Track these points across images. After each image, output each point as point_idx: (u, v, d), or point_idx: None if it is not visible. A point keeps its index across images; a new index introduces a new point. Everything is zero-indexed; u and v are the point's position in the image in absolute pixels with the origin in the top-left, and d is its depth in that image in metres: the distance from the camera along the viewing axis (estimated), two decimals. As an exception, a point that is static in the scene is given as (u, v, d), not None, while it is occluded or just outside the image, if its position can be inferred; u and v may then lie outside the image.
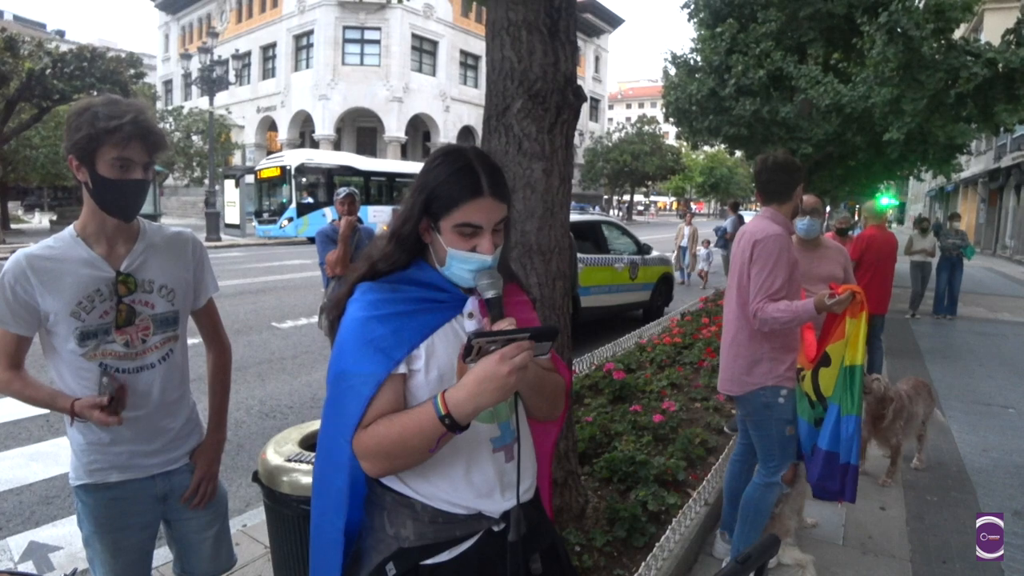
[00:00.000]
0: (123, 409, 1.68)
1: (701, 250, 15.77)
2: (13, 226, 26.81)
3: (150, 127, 1.66)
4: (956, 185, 36.38)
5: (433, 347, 1.30)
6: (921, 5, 10.05)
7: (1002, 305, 13.40)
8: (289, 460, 2.27)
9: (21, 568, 3.18)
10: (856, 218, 23.68)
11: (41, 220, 32.24)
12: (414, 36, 38.48)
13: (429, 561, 1.31)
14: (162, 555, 2.35)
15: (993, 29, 18.53)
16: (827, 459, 2.90)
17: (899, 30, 9.47)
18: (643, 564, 2.77)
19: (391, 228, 1.38)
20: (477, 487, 1.33)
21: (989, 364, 8.07)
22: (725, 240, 12.99)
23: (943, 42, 10.14)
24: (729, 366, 3.03)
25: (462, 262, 1.31)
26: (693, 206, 75.85)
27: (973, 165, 31.80)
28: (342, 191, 4.73)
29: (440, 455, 1.28)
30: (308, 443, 2.43)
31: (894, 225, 43.63)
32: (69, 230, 1.75)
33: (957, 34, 10.99)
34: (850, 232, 7.58)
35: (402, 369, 1.28)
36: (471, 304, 1.35)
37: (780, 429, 2.89)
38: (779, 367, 2.87)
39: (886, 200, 10.86)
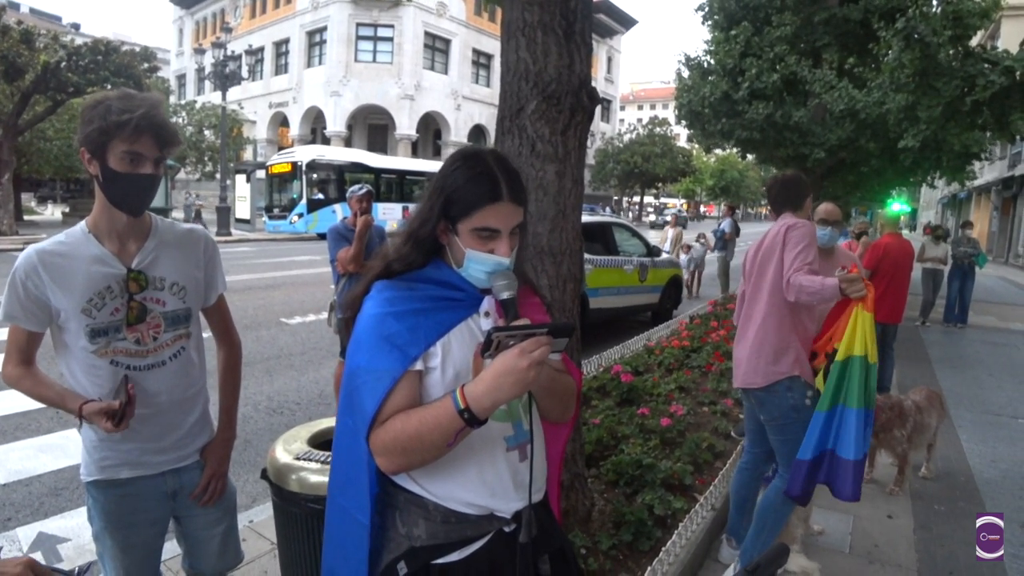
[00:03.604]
0: (130, 418, 1.66)
1: (682, 257, 14.03)
2: (26, 217, 27.00)
3: (161, 122, 1.65)
4: (969, 192, 36.09)
5: (449, 345, 1.31)
6: (938, 11, 9.96)
7: (1014, 315, 13.28)
8: (298, 458, 2.27)
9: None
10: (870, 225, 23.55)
11: (54, 212, 32.47)
12: (427, 34, 38.52)
13: (440, 560, 1.32)
14: (171, 548, 2.37)
15: (1011, 36, 18.40)
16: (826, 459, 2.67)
17: (916, 36, 9.39)
18: (649, 568, 2.76)
19: (408, 229, 1.39)
20: (490, 486, 1.33)
21: (999, 374, 8.01)
22: (724, 242, 12.85)
23: (960, 49, 10.05)
24: (752, 357, 3.00)
25: (479, 263, 1.32)
26: (703, 208, 75.64)
27: (987, 173, 31.54)
28: (359, 188, 4.64)
29: (454, 453, 1.28)
30: (317, 441, 2.44)
31: (905, 231, 43.27)
32: (81, 226, 1.74)
33: (974, 41, 10.88)
34: (864, 237, 7.55)
35: (418, 366, 1.29)
36: (487, 303, 1.36)
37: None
38: (806, 359, 2.88)
39: (897, 206, 10.80)
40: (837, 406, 2.62)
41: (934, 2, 10.36)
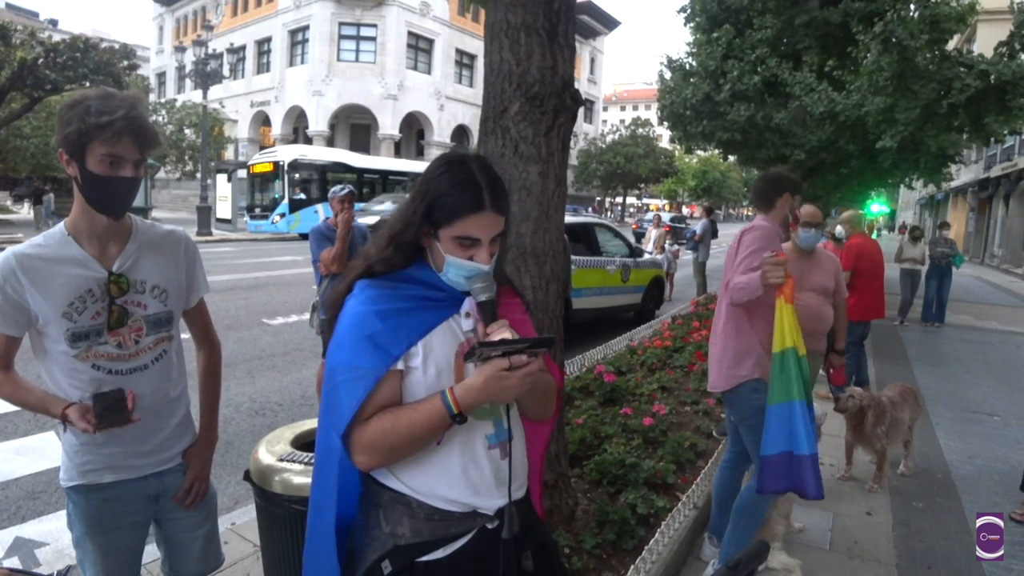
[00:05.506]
0: (119, 422, 1.65)
1: (658, 257, 13.21)
2: (1, 216, 26.56)
3: (142, 123, 1.60)
4: (946, 194, 36.66)
5: (431, 344, 1.33)
6: (916, 16, 10.10)
7: (990, 313, 13.52)
8: (281, 459, 2.26)
9: (7, 564, 3.16)
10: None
11: (29, 211, 31.90)
12: (410, 34, 38.41)
13: (424, 558, 1.33)
14: (150, 552, 2.34)
15: (986, 40, 18.70)
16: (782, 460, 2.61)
17: (894, 40, 9.52)
18: (632, 567, 2.78)
19: (390, 232, 1.39)
20: (474, 483, 1.35)
21: (976, 372, 8.15)
22: (695, 243, 12.92)
23: (937, 53, 10.21)
24: (717, 362, 3.06)
25: (459, 269, 1.34)
26: (686, 209, 76.03)
27: (963, 174, 32.04)
28: (341, 189, 4.63)
29: (437, 451, 1.31)
30: (300, 442, 2.42)
31: (885, 232, 43.99)
32: (60, 228, 1.70)
33: (951, 45, 11.06)
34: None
35: (399, 366, 1.31)
36: (468, 304, 1.37)
37: None
38: (768, 361, 2.89)
39: (877, 207, 10.93)
40: (785, 402, 2.60)
41: (912, 6, 10.50)
